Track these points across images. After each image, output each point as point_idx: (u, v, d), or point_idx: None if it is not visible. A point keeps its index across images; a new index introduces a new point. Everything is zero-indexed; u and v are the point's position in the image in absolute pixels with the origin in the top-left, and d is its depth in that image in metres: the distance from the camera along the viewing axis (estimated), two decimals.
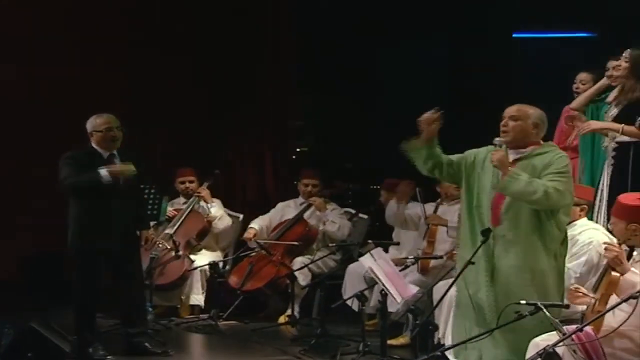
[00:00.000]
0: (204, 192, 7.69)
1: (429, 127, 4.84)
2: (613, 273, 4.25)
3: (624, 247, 4.41)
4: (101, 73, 8.30)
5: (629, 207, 4.49)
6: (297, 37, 8.85)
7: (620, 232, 4.46)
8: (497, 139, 4.84)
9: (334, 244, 7.31)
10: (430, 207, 6.83)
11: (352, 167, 9.25)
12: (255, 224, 7.67)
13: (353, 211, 7.75)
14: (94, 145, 6.03)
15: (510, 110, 4.88)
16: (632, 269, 4.25)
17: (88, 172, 5.85)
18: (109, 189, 5.88)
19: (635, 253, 4.46)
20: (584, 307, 4.40)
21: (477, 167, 4.92)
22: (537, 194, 4.62)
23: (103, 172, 5.82)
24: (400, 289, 5.51)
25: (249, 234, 7.57)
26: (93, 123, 6.04)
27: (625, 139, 5.52)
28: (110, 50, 8.36)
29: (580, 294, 4.37)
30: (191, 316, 7.39)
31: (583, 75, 6.25)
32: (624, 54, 5.65)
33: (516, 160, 4.82)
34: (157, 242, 7.16)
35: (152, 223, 7.11)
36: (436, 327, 5.59)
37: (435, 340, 5.41)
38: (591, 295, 4.34)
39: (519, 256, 4.72)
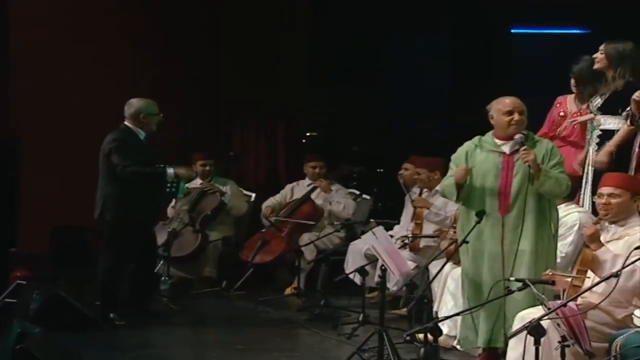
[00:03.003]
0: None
1: (462, 178, 4.90)
2: (587, 250, 4.29)
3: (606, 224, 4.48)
4: (117, 58, 8.34)
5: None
6: (308, 32, 8.89)
7: (625, 202, 4.49)
8: (517, 135, 4.85)
9: (339, 223, 7.37)
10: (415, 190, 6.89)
11: (357, 150, 9.29)
12: (270, 202, 7.75)
13: (357, 192, 7.79)
14: (133, 125, 6.07)
15: (517, 104, 4.91)
16: (607, 246, 4.29)
17: (152, 167, 6.02)
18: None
19: (611, 232, 4.50)
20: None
21: (470, 162, 4.94)
22: (563, 187, 4.81)
23: (170, 171, 5.98)
24: (399, 265, 5.57)
25: (266, 211, 7.64)
26: (144, 106, 6.08)
27: (609, 126, 5.50)
28: (124, 38, 8.39)
29: (556, 276, 4.40)
30: (205, 286, 7.47)
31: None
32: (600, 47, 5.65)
33: (515, 152, 4.86)
34: (175, 218, 7.26)
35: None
36: (431, 301, 5.68)
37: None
38: (562, 274, 4.38)
39: (527, 241, 4.79)
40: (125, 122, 6.12)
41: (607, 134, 5.49)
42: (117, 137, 6.03)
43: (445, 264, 5.19)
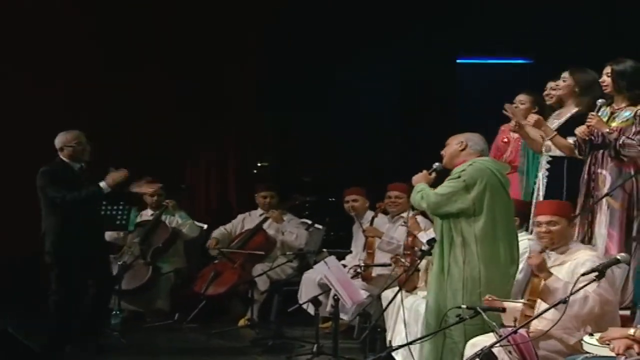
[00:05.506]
0: (171, 203, 7.68)
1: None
2: (536, 279, 4.30)
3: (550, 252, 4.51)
4: (67, 89, 8.22)
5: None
6: (259, 60, 8.89)
7: (563, 229, 4.53)
8: (435, 163, 4.99)
9: (292, 252, 7.33)
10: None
11: (309, 180, 9.26)
12: (217, 234, 7.68)
13: (309, 222, 7.76)
14: (64, 159, 6.04)
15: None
16: (555, 274, 4.31)
17: (86, 187, 5.94)
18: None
19: (552, 258, 4.53)
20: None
21: None
22: (417, 201, 4.85)
23: (103, 184, 5.95)
24: (351, 295, 5.55)
25: (211, 243, 7.60)
26: (63, 139, 6.06)
27: (558, 153, 5.55)
28: (78, 67, 8.28)
29: (495, 302, 4.38)
30: (157, 319, 7.33)
31: (522, 97, 6.18)
32: (562, 75, 5.69)
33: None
34: (126, 251, 7.15)
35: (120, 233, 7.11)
36: (384, 330, 5.65)
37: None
38: (506, 302, 4.39)
39: (436, 263, 4.83)
40: (59, 155, 6.10)
41: (556, 160, 5.53)
42: (46, 170, 6.02)
43: (397, 292, 5.17)
